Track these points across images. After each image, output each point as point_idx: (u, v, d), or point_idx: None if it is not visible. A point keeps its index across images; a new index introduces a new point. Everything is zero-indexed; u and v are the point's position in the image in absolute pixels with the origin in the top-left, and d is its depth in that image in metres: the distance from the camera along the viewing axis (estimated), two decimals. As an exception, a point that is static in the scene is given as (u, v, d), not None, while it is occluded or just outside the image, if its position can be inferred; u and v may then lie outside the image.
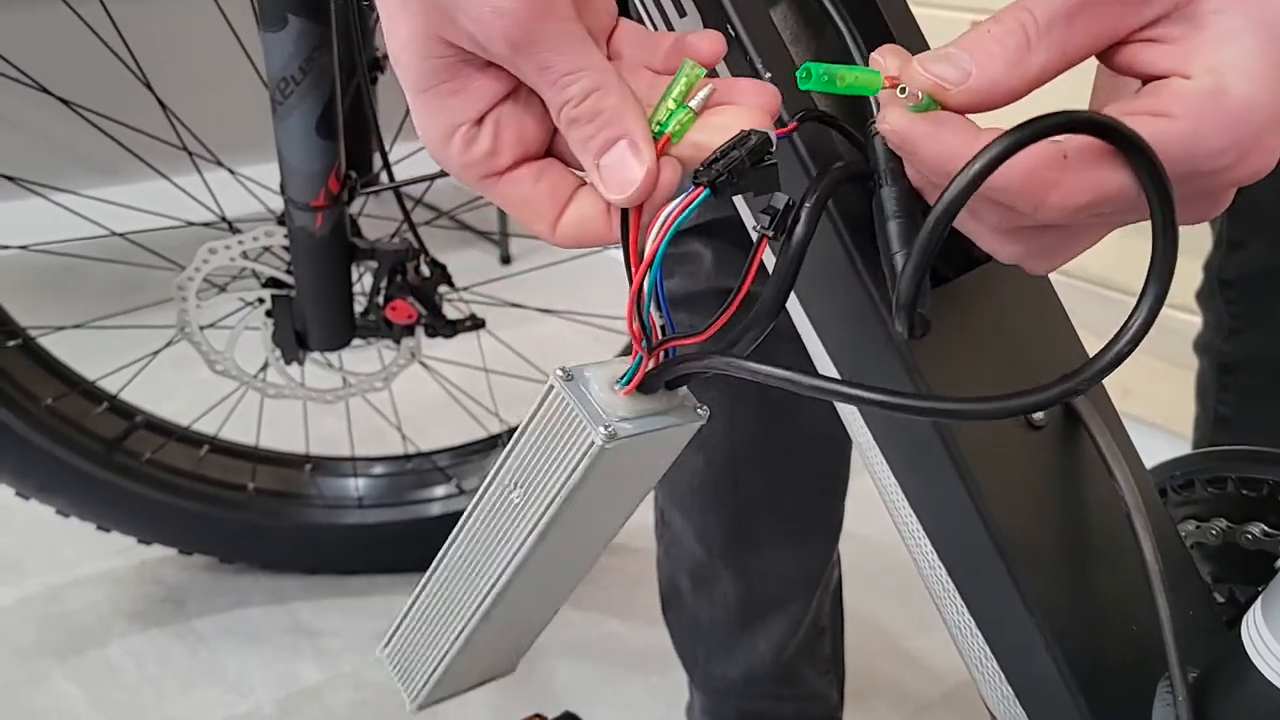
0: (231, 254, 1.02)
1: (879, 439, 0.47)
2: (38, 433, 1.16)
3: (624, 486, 0.44)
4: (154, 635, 1.27)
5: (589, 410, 0.39)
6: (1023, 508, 0.44)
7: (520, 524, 0.42)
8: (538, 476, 0.41)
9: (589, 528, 0.45)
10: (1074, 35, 0.35)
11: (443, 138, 0.37)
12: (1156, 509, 0.47)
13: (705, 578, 0.86)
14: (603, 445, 0.38)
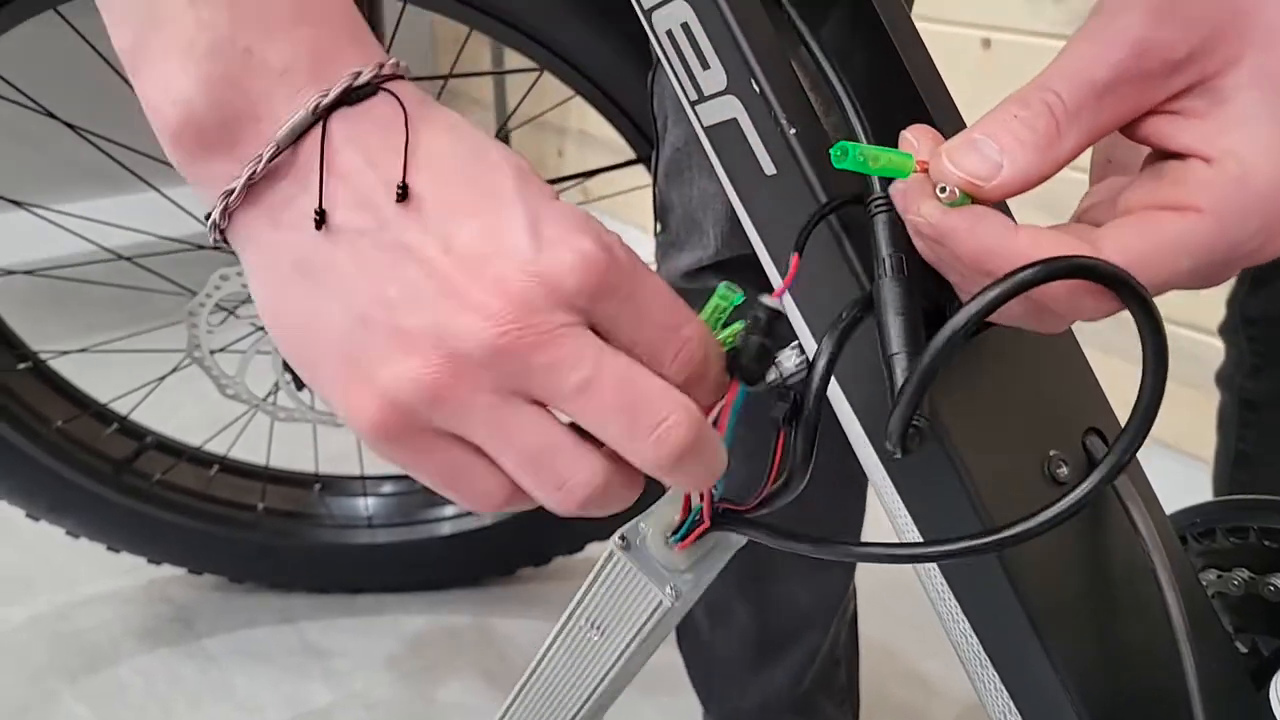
0: (244, 280, 1.02)
1: (906, 501, 0.47)
2: (48, 455, 1.16)
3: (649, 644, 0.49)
4: (163, 655, 1.27)
5: (653, 573, 0.43)
6: (1047, 565, 0.44)
7: (600, 662, 0.47)
8: (613, 622, 0.45)
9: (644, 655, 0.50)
10: (1103, 114, 0.34)
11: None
12: (1181, 564, 0.47)
13: (721, 610, 0.85)
14: (671, 605, 0.43)
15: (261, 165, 0.34)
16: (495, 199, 0.33)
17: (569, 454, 0.34)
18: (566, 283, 0.32)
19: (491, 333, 0.32)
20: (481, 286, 0.32)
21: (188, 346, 1.10)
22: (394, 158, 0.34)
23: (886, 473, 0.49)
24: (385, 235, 0.33)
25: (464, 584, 1.37)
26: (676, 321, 0.35)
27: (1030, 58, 1.48)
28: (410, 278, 0.32)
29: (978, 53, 1.53)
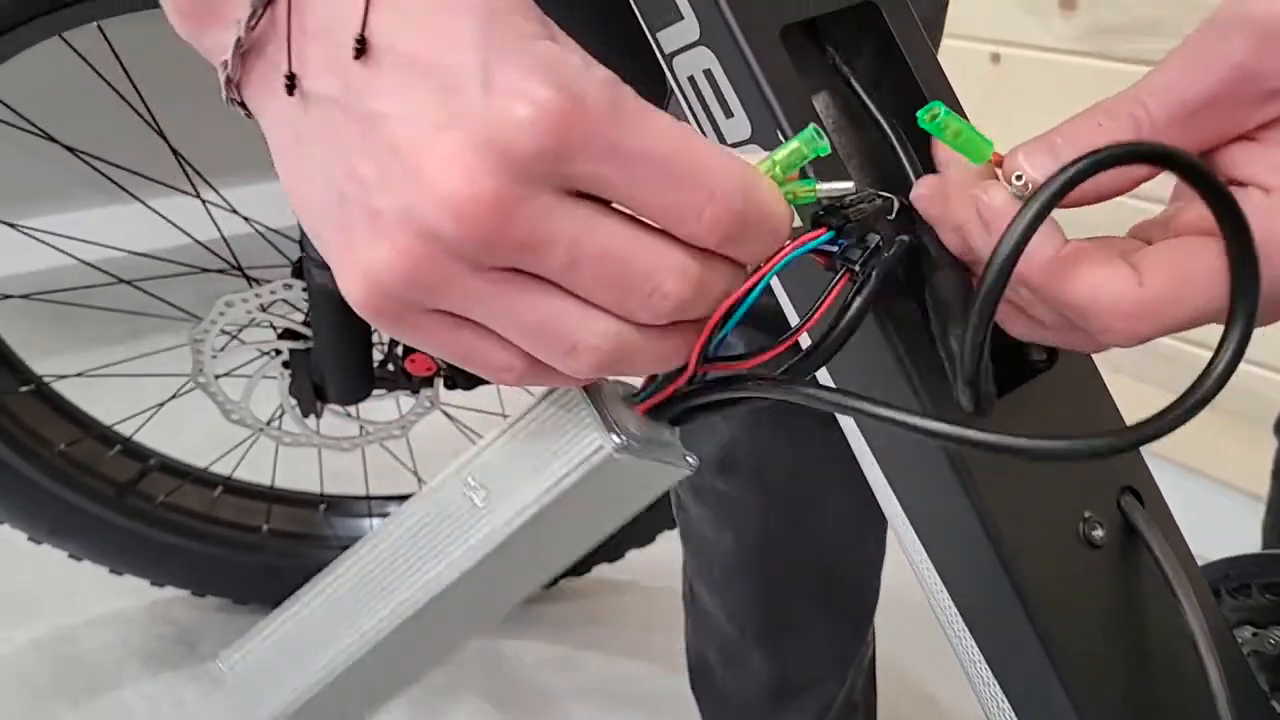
0: (249, 307, 1.01)
1: (933, 557, 0.45)
2: (50, 478, 1.15)
3: (595, 514, 0.39)
4: (167, 678, 1.26)
5: (605, 415, 0.35)
6: (1085, 633, 0.43)
7: (474, 532, 0.36)
8: (514, 480, 0.36)
9: (538, 554, 0.39)
10: (1189, 135, 0.33)
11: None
12: (1219, 628, 0.46)
13: (735, 656, 0.84)
14: (611, 453, 0.34)
15: (244, 31, 0.31)
16: (453, 48, 0.29)
17: (573, 318, 0.31)
18: (521, 145, 0.28)
19: (450, 217, 0.28)
20: (438, 162, 0.28)
21: (192, 371, 1.09)
22: (358, 8, 0.30)
23: (911, 525, 0.47)
24: (354, 102, 0.30)
25: (471, 605, 1.36)
26: (695, 171, 0.30)
27: (1039, 72, 1.47)
28: (379, 152, 0.30)
29: (987, 67, 1.52)
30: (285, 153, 0.33)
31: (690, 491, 0.83)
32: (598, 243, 0.29)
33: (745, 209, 0.30)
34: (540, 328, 0.31)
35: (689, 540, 0.86)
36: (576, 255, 0.29)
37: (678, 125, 0.30)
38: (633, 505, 0.39)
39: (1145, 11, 1.34)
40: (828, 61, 0.47)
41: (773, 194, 0.31)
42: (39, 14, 0.79)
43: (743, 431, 0.77)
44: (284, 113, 0.32)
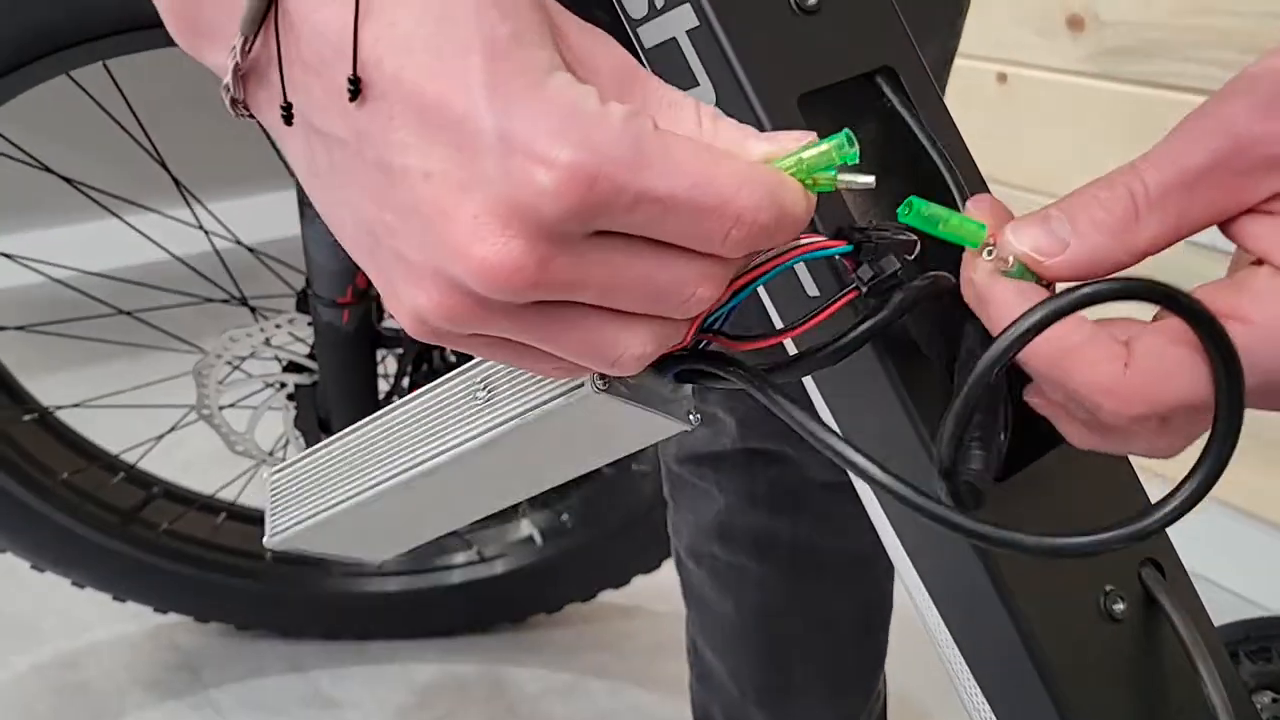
0: (254, 341, 1.01)
1: (954, 634, 0.45)
2: (53, 507, 1.14)
3: (579, 445, 0.42)
4: (171, 707, 1.25)
5: None
6: (1107, 707, 0.43)
7: (470, 424, 0.40)
8: (512, 390, 0.39)
9: (527, 464, 0.43)
10: (1192, 206, 0.32)
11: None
12: (1241, 700, 0.45)
13: (738, 716, 0.82)
14: (590, 392, 0.36)
15: (239, 56, 0.31)
16: (464, 100, 0.28)
17: (612, 333, 0.32)
18: (546, 211, 0.28)
19: (481, 281, 0.29)
20: (463, 226, 0.29)
21: (196, 403, 1.08)
22: (348, 43, 0.29)
23: (931, 600, 0.47)
24: (368, 151, 0.30)
25: (475, 631, 1.35)
26: (720, 199, 0.29)
27: (1045, 93, 1.46)
28: (402, 205, 0.30)
29: (994, 87, 1.51)
30: (306, 178, 0.33)
31: (690, 555, 0.81)
32: (630, 274, 0.30)
33: (769, 222, 0.30)
34: (582, 346, 0.32)
35: (690, 598, 0.84)
36: (610, 287, 0.30)
37: (699, 152, 0.30)
38: (621, 443, 0.42)
39: (1152, 34, 1.34)
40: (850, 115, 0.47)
41: (795, 194, 0.31)
42: (44, 54, 0.78)
43: (738, 503, 0.76)
44: (294, 139, 0.32)
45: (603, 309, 0.31)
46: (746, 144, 0.32)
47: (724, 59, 0.42)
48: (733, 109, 0.43)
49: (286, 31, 0.30)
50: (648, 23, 0.45)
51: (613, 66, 0.32)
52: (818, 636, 0.80)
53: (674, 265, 0.31)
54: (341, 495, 0.45)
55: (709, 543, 0.78)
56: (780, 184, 0.31)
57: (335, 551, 0.51)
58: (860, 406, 0.46)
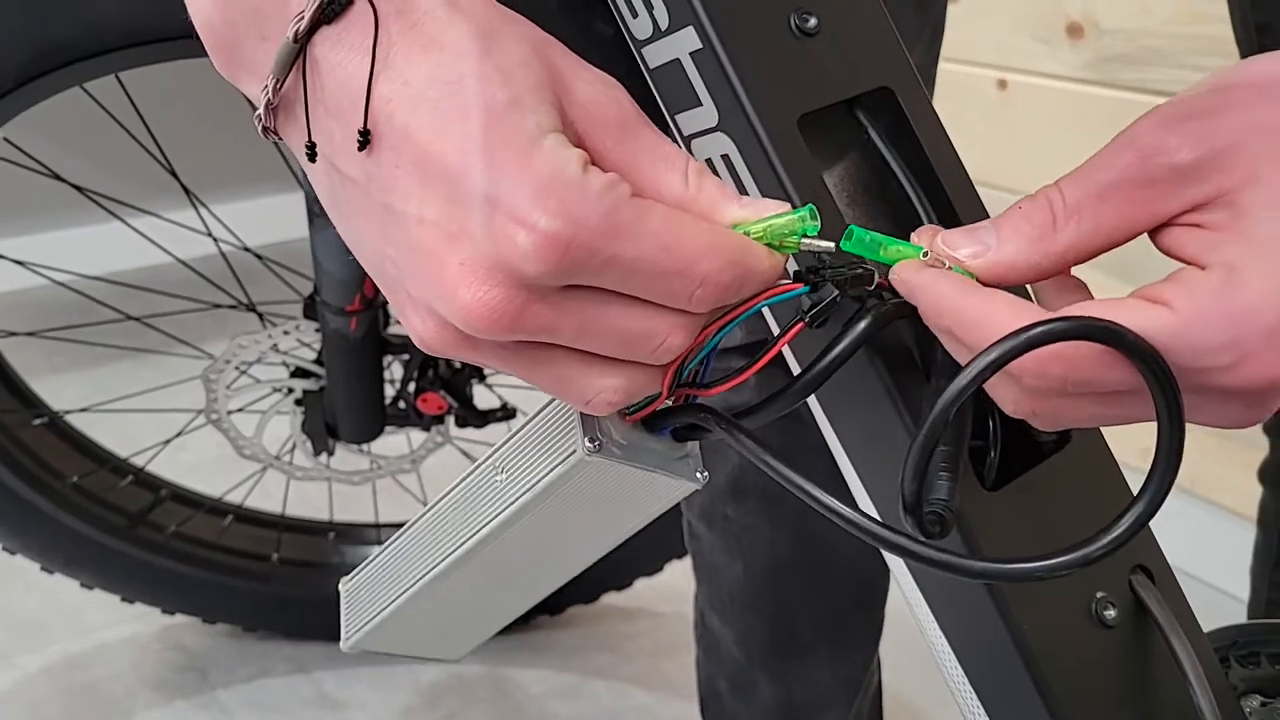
0: (262, 348, 1.02)
1: (950, 640, 0.46)
2: (63, 510, 1.15)
3: (598, 515, 0.44)
4: (178, 707, 1.26)
5: (587, 420, 0.39)
6: (1097, 711, 0.44)
7: (493, 507, 0.43)
8: (523, 467, 0.41)
9: (551, 543, 0.45)
10: (1106, 216, 0.35)
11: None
12: (1222, 692, 0.47)
13: (744, 683, 0.85)
14: (583, 456, 0.39)
15: (272, 94, 0.34)
16: (459, 163, 0.32)
17: (585, 376, 0.35)
18: (525, 268, 0.31)
19: (466, 320, 0.32)
20: (452, 273, 0.32)
21: (205, 407, 1.09)
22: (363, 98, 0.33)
23: (927, 605, 0.48)
24: (375, 193, 0.33)
25: (479, 633, 1.36)
26: (684, 264, 0.33)
27: (1045, 99, 1.47)
28: (402, 244, 0.33)
29: (994, 93, 1.52)
30: (329, 206, 0.36)
31: (702, 519, 0.84)
32: (600, 324, 0.34)
33: (731, 281, 0.34)
34: (556, 382, 0.35)
35: (700, 568, 0.87)
36: (582, 333, 0.34)
37: (670, 221, 0.33)
38: (638, 509, 0.44)
39: (1151, 41, 1.35)
40: (849, 133, 0.48)
41: (759, 256, 0.35)
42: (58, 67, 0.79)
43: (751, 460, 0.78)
44: (317, 171, 0.36)
45: (578, 351, 0.34)
46: (724, 204, 0.35)
47: (726, 80, 0.43)
48: (734, 129, 0.44)
49: (313, 77, 0.34)
50: (652, 44, 0.46)
51: (616, 117, 0.35)
52: (822, 598, 0.82)
53: (644, 317, 0.34)
54: (395, 593, 0.48)
55: (722, 503, 0.80)
56: (745, 249, 0.34)
57: (412, 651, 0.54)
58: (859, 417, 0.47)
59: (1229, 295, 0.32)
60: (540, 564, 0.47)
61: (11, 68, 0.80)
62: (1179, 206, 0.34)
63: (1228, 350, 0.32)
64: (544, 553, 0.46)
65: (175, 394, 1.23)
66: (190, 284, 1.16)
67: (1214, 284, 0.33)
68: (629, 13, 0.46)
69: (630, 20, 0.46)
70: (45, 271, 1.14)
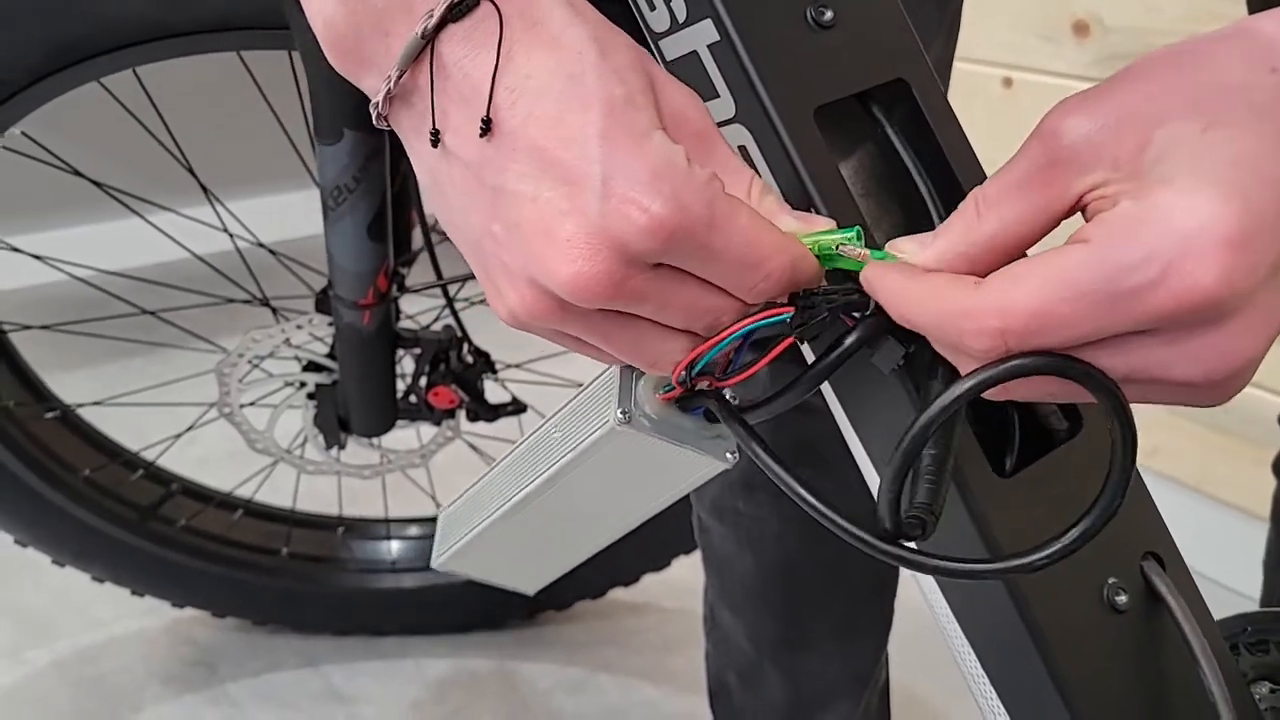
0: (274, 342, 1.02)
1: (963, 626, 0.47)
2: (75, 504, 1.16)
3: (636, 479, 0.49)
4: (188, 701, 1.27)
5: (624, 395, 0.44)
6: (1109, 696, 0.44)
7: (547, 459, 0.48)
8: (572, 430, 0.46)
9: (594, 501, 0.51)
10: (1022, 205, 0.36)
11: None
12: (1238, 690, 0.47)
13: (753, 676, 0.86)
14: (613, 425, 0.43)
15: (393, 85, 0.38)
16: (578, 148, 0.35)
17: (657, 342, 0.40)
18: (632, 245, 0.35)
19: (567, 289, 0.36)
20: (558, 244, 0.36)
21: (217, 401, 1.10)
22: (487, 88, 0.36)
23: (940, 590, 0.49)
24: (487, 175, 0.37)
25: (486, 627, 1.37)
26: (758, 259, 0.37)
27: (1050, 97, 1.46)
28: (509, 220, 0.37)
29: (999, 91, 1.53)
30: (427, 187, 0.40)
31: (712, 513, 0.85)
32: (678, 300, 0.38)
33: (788, 281, 0.39)
34: (632, 347, 0.40)
35: (710, 562, 0.88)
36: (663, 306, 0.38)
37: (754, 219, 0.38)
38: (671, 479, 0.49)
39: (1157, 39, 1.35)
40: (864, 125, 0.49)
41: (810, 263, 0.39)
42: (74, 62, 0.80)
43: None
44: (426, 156, 0.39)
45: (652, 322, 0.39)
46: (781, 216, 0.40)
47: (743, 72, 0.44)
48: (751, 120, 0.45)
49: (439, 70, 0.37)
50: (669, 36, 0.47)
51: (699, 128, 0.40)
52: (832, 590, 0.83)
53: (711, 297, 0.39)
54: (475, 522, 0.54)
55: (734, 497, 0.81)
56: (803, 254, 0.39)
57: (491, 578, 0.61)
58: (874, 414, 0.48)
59: (1139, 216, 0.33)
60: (589, 517, 0.52)
61: (29, 63, 0.80)
62: (1085, 185, 0.35)
63: (1148, 263, 0.32)
64: (590, 507, 0.51)
65: (187, 388, 1.24)
66: (204, 279, 1.17)
67: (1124, 211, 0.33)
68: (646, 6, 0.47)
69: (648, 13, 0.47)
70: (61, 266, 1.14)
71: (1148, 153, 0.34)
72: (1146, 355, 0.34)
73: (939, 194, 0.49)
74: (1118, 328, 0.33)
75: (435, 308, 1.10)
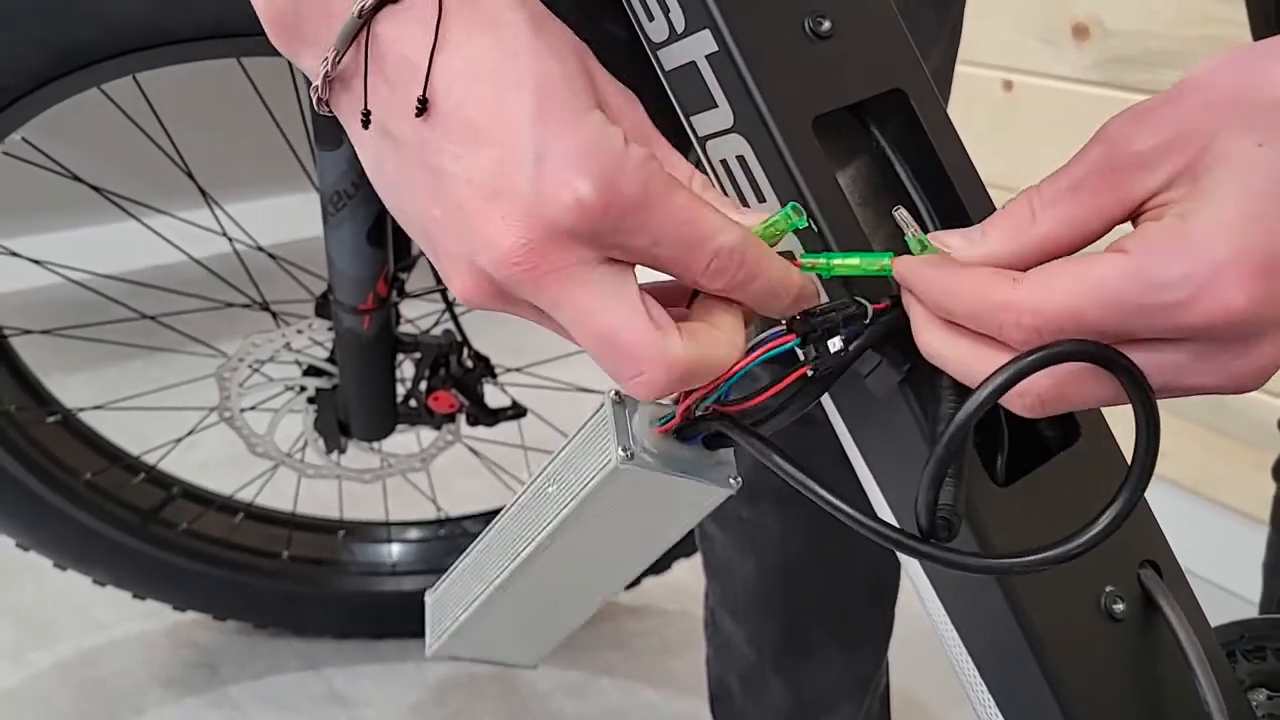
0: (275, 346, 1.03)
1: (962, 634, 0.47)
2: (76, 507, 1.16)
3: (640, 521, 0.47)
4: (189, 703, 1.27)
5: (621, 432, 0.42)
6: (1106, 704, 0.45)
7: (544, 516, 0.45)
8: (568, 478, 0.44)
9: (600, 550, 0.49)
10: (1078, 207, 0.37)
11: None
12: (1235, 699, 0.47)
13: (755, 682, 0.86)
14: (616, 465, 0.41)
15: (330, 66, 0.37)
16: (511, 127, 0.35)
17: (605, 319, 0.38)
18: (563, 224, 0.35)
19: (502, 268, 0.36)
20: (493, 225, 0.35)
21: (218, 405, 1.10)
22: (424, 70, 0.36)
23: (938, 599, 0.49)
24: (426, 154, 0.36)
25: (487, 630, 1.37)
26: (698, 237, 0.37)
27: (1050, 100, 1.48)
28: (449, 203, 0.36)
29: (999, 94, 1.53)
30: (372, 171, 0.40)
31: (714, 519, 0.85)
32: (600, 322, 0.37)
33: (741, 260, 0.38)
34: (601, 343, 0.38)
35: (712, 567, 0.88)
36: (581, 323, 0.37)
37: (692, 199, 0.37)
38: (676, 514, 0.47)
39: (1157, 43, 1.35)
40: (862, 135, 0.49)
41: (769, 253, 0.39)
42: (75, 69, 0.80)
43: None
44: (367, 139, 0.39)
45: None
46: (727, 210, 0.39)
47: (741, 82, 0.44)
48: (749, 130, 0.45)
49: (374, 50, 0.37)
50: (668, 46, 0.47)
51: (635, 124, 0.39)
52: (834, 596, 0.83)
53: (629, 328, 0.37)
54: (470, 599, 0.51)
55: (736, 505, 0.82)
56: (755, 240, 0.38)
57: (490, 655, 0.58)
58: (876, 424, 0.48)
59: (1179, 234, 0.34)
60: (594, 569, 0.50)
61: (31, 70, 0.81)
62: (1145, 191, 0.36)
63: (1181, 284, 0.33)
64: (596, 558, 0.49)
65: (188, 392, 1.24)
66: (204, 283, 1.17)
67: (1166, 226, 0.34)
68: (645, 16, 0.47)
69: (646, 23, 0.47)
70: (61, 270, 1.15)
71: (1203, 162, 0.34)
72: (1175, 362, 0.35)
73: (935, 203, 0.49)
74: (1147, 335, 0.35)
75: (435, 312, 1.10)
